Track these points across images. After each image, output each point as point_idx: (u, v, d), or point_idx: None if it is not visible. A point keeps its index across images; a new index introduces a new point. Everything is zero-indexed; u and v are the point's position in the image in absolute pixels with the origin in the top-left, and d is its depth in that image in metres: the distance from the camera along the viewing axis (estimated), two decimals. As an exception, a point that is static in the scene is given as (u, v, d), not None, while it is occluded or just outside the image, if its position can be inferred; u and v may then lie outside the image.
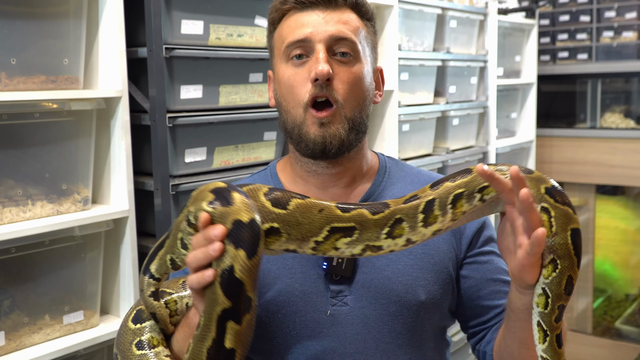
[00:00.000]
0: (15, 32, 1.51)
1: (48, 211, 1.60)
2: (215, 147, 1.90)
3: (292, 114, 1.07)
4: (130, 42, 1.75)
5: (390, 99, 2.51)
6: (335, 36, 1.04)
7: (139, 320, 0.96)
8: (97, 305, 1.71)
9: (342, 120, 1.05)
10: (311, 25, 1.05)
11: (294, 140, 1.08)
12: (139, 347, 0.93)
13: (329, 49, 1.05)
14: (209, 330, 0.76)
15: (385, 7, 2.46)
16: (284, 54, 1.07)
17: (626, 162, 3.45)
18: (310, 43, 1.04)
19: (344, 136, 1.05)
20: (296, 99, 1.06)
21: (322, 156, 1.06)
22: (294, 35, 1.05)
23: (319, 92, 1.03)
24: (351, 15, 1.08)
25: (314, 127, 1.04)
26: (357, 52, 1.07)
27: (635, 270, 3.87)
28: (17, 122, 1.53)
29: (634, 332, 3.61)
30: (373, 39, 1.14)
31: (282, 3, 1.08)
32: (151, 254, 0.91)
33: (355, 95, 1.06)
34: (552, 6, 3.83)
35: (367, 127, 1.12)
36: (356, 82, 1.06)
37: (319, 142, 1.04)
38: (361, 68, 1.07)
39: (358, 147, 1.12)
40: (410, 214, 0.89)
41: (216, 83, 1.88)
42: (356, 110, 1.07)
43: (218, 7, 1.85)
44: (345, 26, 1.06)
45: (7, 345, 1.51)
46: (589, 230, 3.69)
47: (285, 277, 1.08)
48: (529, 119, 3.62)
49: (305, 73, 1.05)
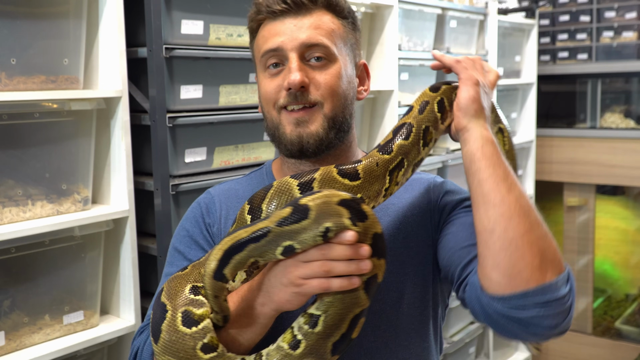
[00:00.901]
0: (15, 32, 1.51)
1: (48, 211, 1.60)
2: (215, 147, 1.90)
3: (269, 118, 1.11)
4: (130, 42, 1.75)
5: (390, 99, 2.51)
6: (307, 43, 1.05)
7: (193, 323, 0.90)
8: (97, 305, 1.71)
9: (321, 119, 1.06)
10: (283, 34, 1.06)
11: (275, 142, 1.11)
12: (205, 350, 0.89)
13: (302, 55, 1.06)
14: (339, 327, 0.88)
15: (385, 7, 2.46)
16: (261, 63, 1.10)
17: (626, 162, 3.45)
18: (282, 52, 1.06)
19: (322, 135, 1.06)
20: (270, 103, 1.09)
21: (301, 155, 1.08)
22: (267, 45, 1.08)
23: (292, 101, 1.05)
24: (324, 16, 1.09)
25: (290, 127, 1.07)
26: (331, 54, 1.07)
27: (635, 270, 3.87)
28: (17, 122, 1.53)
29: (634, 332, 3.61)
30: (352, 35, 1.14)
31: (256, 13, 1.10)
32: (222, 258, 0.88)
33: (334, 96, 1.07)
34: (552, 6, 3.83)
35: (351, 126, 1.13)
36: (333, 84, 1.07)
37: (295, 142, 1.06)
38: (338, 69, 1.08)
39: (344, 145, 1.13)
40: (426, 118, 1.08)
41: (216, 83, 1.88)
42: (337, 110, 1.08)
43: (218, 7, 1.85)
44: (318, 31, 1.07)
45: (7, 345, 1.51)
46: (589, 231, 3.69)
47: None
48: (529, 119, 3.62)
49: (280, 81, 1.07)
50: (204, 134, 1.86)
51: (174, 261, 1.15)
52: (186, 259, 1.13)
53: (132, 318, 1.73)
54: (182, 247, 1.15)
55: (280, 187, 0.97)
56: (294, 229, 0.86)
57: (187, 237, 1.16)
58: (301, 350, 0.89)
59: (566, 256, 3.74)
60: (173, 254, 1.16)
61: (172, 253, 1.17)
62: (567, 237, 3.74)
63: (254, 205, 0.97)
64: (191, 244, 1.15)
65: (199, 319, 0.90)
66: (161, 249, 1.76)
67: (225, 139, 1.92)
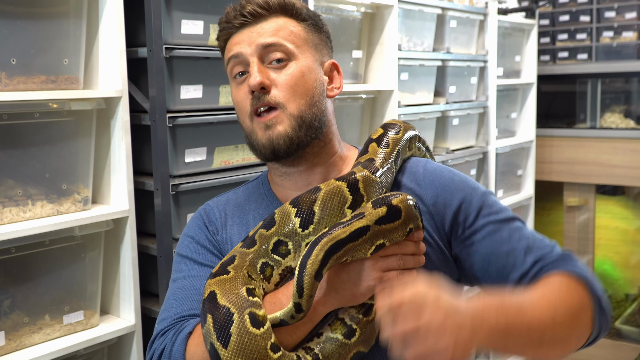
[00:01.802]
0: (15, 32, 1.51)
1: (48, 211, 1.60)
2: (215, 147, 1.90)
3: (243, 127, 1.14)
4: (130, 42, 1.75)
5: (390, 99, 2.51)
6: (263, 44, 1.09)
7: (260, 324, 0.91)
8: (97, 305, 1.71)
9: (288, 119, 1.08)
10: (243, 41, 1.11)
11: (252, 149, 1.13)
12: (273, 350, 0.91)
13: (261, 59, 1.09)
14: None
15: (385, 7, 2.46)
16: (230, 74, 1.15)
17: (626, 162, 3.45)
18: (243, 58, 1.10)
19: (291, 134, 1.08)
20: (243, 112, 1.12)
21: (275, 157, 1.10)
22: (229, 54, 1.13)
23: (258, 103, 1.08)
24: (281, 20, 1.12)
25: (261, 132, 1.09)
26: (290, 53, 1.10)
27: (635, 270, 3.87)
28: (17, 122, 1.53)
29: (634, 332, 3.61)
30: (315, 36, 1.16)
31: (220, 31, 1.15)
32: (323, 259, 0.91)
33: (299, 94, 1.09)
34: (552, 6, 3.83)
35: (323, 122, 1.13)
36: (296, 82, 1.09)
37: (266, 145, 1.09)
38: (299, 67, 1.10)
39: (322, 142, 1.14)
40: None
41: (216, 83, 1.88)
42: (303, 108, 1.09)
43: (218, 7, 1.85)
44: (275, 32, 1.10)
45: (7, 345, 1.51)
46: (589, 230, 3.69)
47: None
48: (529, 119, 3.62)
49: (246, 87, 1.10)
50: (204, 134, 1.86)
51: (182, 267, 1.15)
52: (196, 262, 1.13)
53: (132, 318, 1.73)
54: (189, 253, 1.16)
55: (330, 190, 1.01)
56: (389, 228, 0.95)
57: (194, 243, 1.17)
58: (355, 338, 0.97)
59: (566, 256, 3.74)
60: (180, 261, 1.16)
61: (178, 261, 1.17)
62: (567, 237, 3.74)
63: (303, 207, 1.00)
64: (199, 249, 1.15)
65: (263, 320, 0.92)
66: (161, 249, 1.77)
67: (225, 139, 1.92)
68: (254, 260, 1.00)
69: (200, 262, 1.13)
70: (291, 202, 1.02)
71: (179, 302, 1.09)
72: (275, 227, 1.01)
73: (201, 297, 1.03)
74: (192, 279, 1.12)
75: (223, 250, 1.15)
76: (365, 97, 2.48)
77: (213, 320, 0.91)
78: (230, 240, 1.15)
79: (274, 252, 1.00)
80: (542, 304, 0.92)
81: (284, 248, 1.00)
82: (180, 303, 1.09)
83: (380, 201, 0.97)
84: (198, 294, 1.09)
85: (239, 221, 1.18)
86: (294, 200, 1.02)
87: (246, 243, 1.03)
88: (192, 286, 1.11)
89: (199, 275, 1.12)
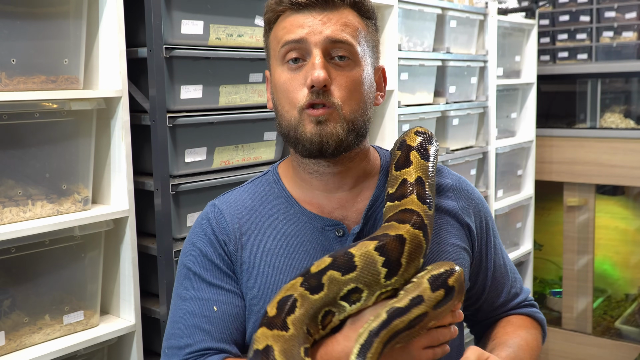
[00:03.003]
0: (15, 32, 1.51)
1: (48, 211, 1.60)
2: (215, 147, 1.90)
3: (286, 117, 1.05)
4: (130, 42, 1.75)
5: (390, 99, 2.51)
6: (332, 39, 1.01)
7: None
8: (97, 305, 1.71)
9: (340, 120, 1.02)
10: (307, 27, 1.01)
11: (291, 142, 1.05)
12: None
13: (325, 52, 1.01)
14: None
15: (385, 7, 2.46)
16: (280, 56, 1.04)
17: (626, 162, 3.45)
18: (306, 45, 1.01)
19: (342, 136, 1.02)
20: (292, 103, 1.03)
21: (320, 155, 1.03)
22: (289, 37, 1.02)
23: (315, 99, 1.00)
24: (350, 15, 1.04)
25: (311, 126, 1.01)
26: (355, 54, 1.03)
27: (635, 270, 3.87)
28: (17, 122, 1.53)
29: (634, 332, 3.61)
30: (374, 38, 1.11)
31: (277, 4, 1.05)
32: (381, 351, 0.90)
33: (355, 99, 1.03)
34: (552, 6, 3.83)
35: (368, 130, 1.10)
36: (355, 87, 1.03)
37: (315, 141, 1.01)
38: (360, 71, 1.04)
39: (359, 148, 1.10)
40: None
41: (216, 83, 1.88)
42: (356, 114, 1.04)
43: (218, 7, 1.85)
44: (343, 28, 1.02)
45: (7, 345, 1.51)
46: (589, 230, 3.69)
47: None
48: (528, 119, 3.62)
49: (301, 78, 1.02)
50: (204, 134, 1.86)
51: (189, 284, 1.09)
52: (204, 281, 1.08)
53: (132, 318, 1.73)
54: (197, 268, 1.09)
55: (413, 241, 0.96)
56: (444, 310, 0.93)
57: (201, 256, 1.10)
58: None
59: (566, 256, 3.74)
60: (187, 276, 1.10)
61: (185, 275, 1.11)
62: (567, 237, 3.74)
63: (392, 258, 0.93)
64: (207, 264, 1.09)
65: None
66: (161, 249, 1.77)
67: (225, 139, 1.92)
68: (318, 310, 0.93)
69: (209, 282, 1.08)
70: (376, 248, 0.93)
71: (189, 332, 1.05)
72: (355, 273, 0.92)
73: (212, 327, 1.03)
74: (200, 303, 1.07)
75: (235, 262, 1.09)
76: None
77: None
78: (245, 252, 1.09)
79: (344, 299, 0.94)
80: (529, 350, 1.14)
81: (356, 296, 0.94)
82: (191, 333, 1.05)
83: (437, 281, 0.92)
84: (208, 322, 1.05)
85: (255, 229, 1.10)
86: (379, 246, 0.94)
87: (310, 285, 0.94)
88: (201, 312, 1.06)
89: (208, 298, 1.07)
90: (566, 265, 3.75)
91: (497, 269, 1.22)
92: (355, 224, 1.10)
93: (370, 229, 1.09)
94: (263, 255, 1.08)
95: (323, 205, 1.11)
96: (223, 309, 1.07)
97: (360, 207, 1.11)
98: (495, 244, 1.22)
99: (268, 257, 1.08)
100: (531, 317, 1.25)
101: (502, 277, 1.23)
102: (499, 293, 1.23)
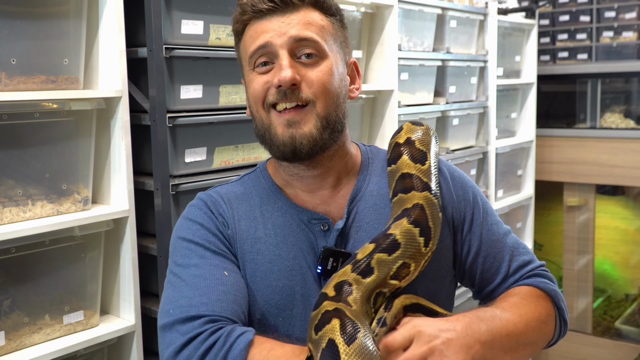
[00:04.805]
0: (15, 32, 1.51)
1: (48, 211, 1.60)
2: (215, 147, 1.90)
3: (258, 119, 1.07)
4: (130, 42, 1.75)
5: (390, 99, 2.51)
6: (297, 37, 1.03)
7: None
8: (97, 305, 1.71)
9: (314, 119, 1.03)
10: (271, 31, 1.04)
11: (267, 144, 1.07)
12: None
13: (292, 52, 1.04)
14: None
15: (385, 7, 2.46)
16: (250, 64, 1.07)
17: (626, 162, 3.45)
18: (272, 48, 1.03)
19: (316, 135, 1.03)
20: (259, 103, 1.06)
21: (294, 158, 1.05)
22: (256, 44, 1.05)
23: (282, 99, 1.02)
24: (313, 14, 1.07)
25: (282, 128, 1.03)
26: (322, 51, 1.05)
27: (635, 270, 3.87)
28: (17, 122, 1.53)
29: (633, 332, 3.61)
30: (341, 33, 1.12)
31: (241, 14, 1.08)
32: None
33: (326, 94, 1.05)
34: (552, 6, 3.83)
35: (344, 126, 1.11)
36: (326, 81, 1.04)
37: (287, 143, 1.03)
38: (329, 66, 1.06)
39: (337, 145, 1.11)
40: None
41: (216, 83, 1.88)
42: (330, 109, 1.05)
43: (218, 7, 1.85)
44: (307, 26, 1.04)
45: (7, 345, 1.51)
46: (589, 230, 3.69)
47: (286, 279, 1.08)
48: (528, 119, 3.62)
49: (269, 78, 1.04)
50: (204, 134, 1.86)
51: (191, 254, 1.05)
52: (209, 250, 1.05)
53: (132, 318, 1.73)
54: (199, 239, 1.06)
55: (428, 202, 1.05)
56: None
57: (203, 229, 1.08)
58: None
59: (566, 256, 3.74)
60: (188, 247, 1.07)
61: (185, 246, 1.07)
62: (567, 237, 3.74)
63: (422, 225, 1.02)
64: (209, 237, 1.07)
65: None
66: (161, 249, 1.77)
67: (225, 139, 1.92)
68: (371, 292, 0.96)
69: (214, 251, 1.06)
70: (411, 222, 1.00)
71: (201, 292, 0.99)
72: (400, 250, 0.97)
73: (226, 289, 1.00)
74: (210, 268, 1.02)
75: (233, 246, 1.08)
76: (365, 97, 2.49)
77: (340, 324, 0.86)
78: (239, 237, 1.09)
79: (394, 277, 0.98)
80: (518, 314, 1.02)
81: (405, 271, 0.99)
82: (205, 293, 0.99)
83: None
84: (222, 284, 1.00)
85: (246, 215, 1.11)
86: (413, 221, 1.00)
87: (360, 269, 0.96)
88: (212, 276, 1.01)
89: (216, 264, 1.03)
90: (566, 265, 3.75)
91: (490, 244, 1.16)
92: (339, 218, 1.11)
93: (352, 222, 1.11)
94: (253, 242, 1.09)
95: (306, 201, 1.13)
96: (233, 277, 1.04)
97: (342, 203, 1.13)
98: (485, 220, 1.17)
99: (258, 245, 1.08)
100: (535, 287, 1.12)
101: (498, 252, 1.15)
102: (497, 269, 1.15)
